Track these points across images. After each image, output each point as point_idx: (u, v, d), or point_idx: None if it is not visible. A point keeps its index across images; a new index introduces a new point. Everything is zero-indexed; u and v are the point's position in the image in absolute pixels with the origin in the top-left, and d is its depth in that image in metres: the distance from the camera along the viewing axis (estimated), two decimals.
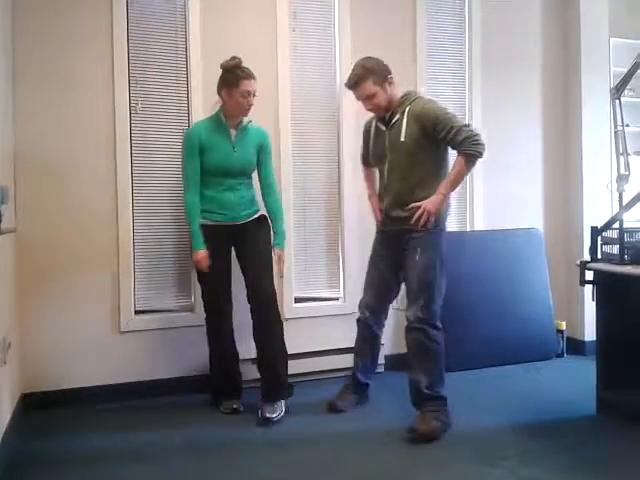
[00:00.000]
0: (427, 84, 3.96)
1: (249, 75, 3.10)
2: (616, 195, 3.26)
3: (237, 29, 3.63)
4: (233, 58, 3.09)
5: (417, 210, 2.92)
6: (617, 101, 3.22)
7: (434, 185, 2.94)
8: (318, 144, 3.87)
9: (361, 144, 3.30)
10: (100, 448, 2.81)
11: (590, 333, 3.90)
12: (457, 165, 2.91)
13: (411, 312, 2.95)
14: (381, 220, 3.19)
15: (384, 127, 3.06)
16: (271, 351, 3.15)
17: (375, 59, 3.03)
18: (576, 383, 3.61)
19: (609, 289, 3.08)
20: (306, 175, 3.85)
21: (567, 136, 4.40)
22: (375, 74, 2.97)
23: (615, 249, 3.00)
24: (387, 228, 3.15)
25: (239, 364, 3.37)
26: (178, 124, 3.54)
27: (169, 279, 3.57)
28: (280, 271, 3.25)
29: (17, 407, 3.04)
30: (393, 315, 3.36)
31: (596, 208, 4.17)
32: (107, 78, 3.39)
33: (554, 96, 4.40)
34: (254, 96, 3.12)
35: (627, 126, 3.59)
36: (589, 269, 3.09)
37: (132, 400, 3.36)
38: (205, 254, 3.15)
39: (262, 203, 3.30)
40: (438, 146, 2.96)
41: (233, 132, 3.17)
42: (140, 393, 3.41)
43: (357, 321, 3.28)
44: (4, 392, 2.70)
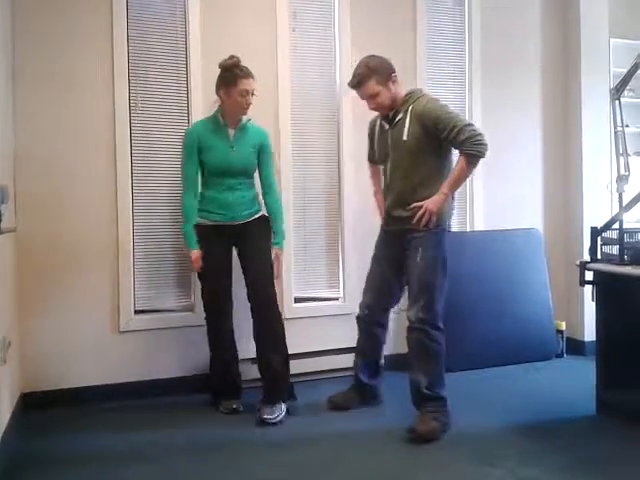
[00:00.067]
0: (427, 85, 3.96)
1: (247, 74, 3.08)
2: (616, 196, 3.25)
3: (237, 29, 3.63)
4: (231, 57, 3.07)
5: (419, 210, 2.91)
6: (617, 102, 3.22)
7: (436, 185, 2.92)
8: (318, 144, 3.87)
9: (367, 142, 3.28)
10: (100, 448, 2.81)
11: (590, 333, 3.90)
12: (459, 165, 2.90)
13: (412, 312, 2.95)
14: (383, 219, 3.19)
15: (387, 126, 3.05)
16: (271, 351, 3.14)
17: (379, 57, 3.02)
18: (576, 383, 3.61)
19: (609, 289, 3.08)
20: (306, 175, 3.85)
21: (567, 137, 4.41)
22: (378, 73, 2.96)
23: (615, 249, 3.01)
24: (389, 228, 3.14)
25: (239, 364, 3.36)
26: (178, 124, 3.54)
27: (169, 279, 3.57)
28: (277, 271, 3.22)
29: (17, 406, 3.04)
30: (393, 315, 3.36)
31: (596, 208, 4.18)
32: (107, 78, 3.40)
33: (554, 97, 4.41)
34: (253, 95, 3.11)
35: (627, 127, 3.59)
36: (589, 269, 3.10)
37: (132, 400, 3.36)
38: (198, 254, 3.15)
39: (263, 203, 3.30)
40: (440, 145, 2.93)
41: (231, 131, 3.16)
42: (140, 393, 3.41)
43: (357, 319, 3.28)
44: (4, 391, 2.70)
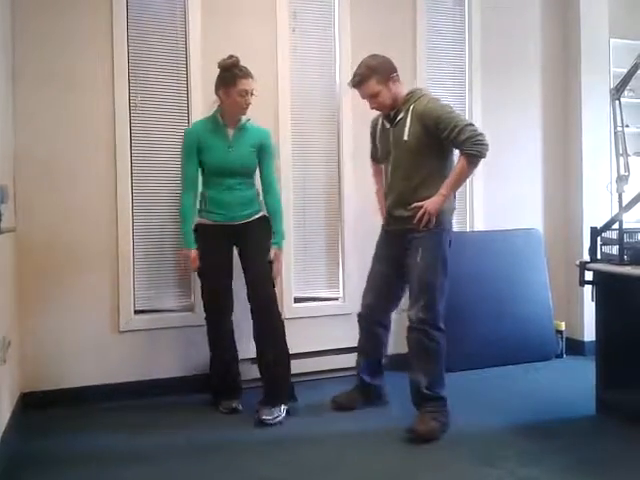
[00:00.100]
0: (427, 85, 3.95)
1: (247, 74, 3.07)
2: (616, 196, 3.25)
3: (237, 29, 3.62)
4: (230, 56, 3.06)
5: (419, 210, 2.91)
6: (617, 102, 3.22)
7: (437, 185, 2.92)
8: (318, 144, 3.87)
9: (369, 140, 3.27)
10: (100, 448, 2.81)
11: (589, 333, 3.90)
12: (459, 165, 2.90)
13: (412, 312, 2.95)
14: (385, 219, 3.19)
15: (389, 125, 3.05)
16: (271, 351, 3.13)
17: (380, 57, 3.02)
18: (575, 383, 3.61)
19: (608, 289, 3.08)
20: (306, 175, 3.85)
21: (567, 137, 4.41)
22: (379, 73, 2.96)
23: (615, 250, 3.01)
24: (390, 227, 3.13)
25: (238, 364, 3.36)
26: (178, 124, 3.53)
27: (169, 279, 3.57)
28: (276, 271, 3.19)
29: (17, 406, 3.04)
30: (394, 315, 3.35)
31: (596, 209, 4.18)
32: (107, 78, 3.40)
33: (554, 97, 4.41)
34: (252, 95, 3.10)
35: (627, 127, 3.59)
36: (588, 269, 3.10)
37: (132, 400, 3.36)
38: (195, 254, 3.17)
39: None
40: (441, 145, 2.93)
41: (230, 131, 3.16)
42: (140, 393, 3.41)
43: (358, 319, 3.27)
44: (4, 391, 2.70)
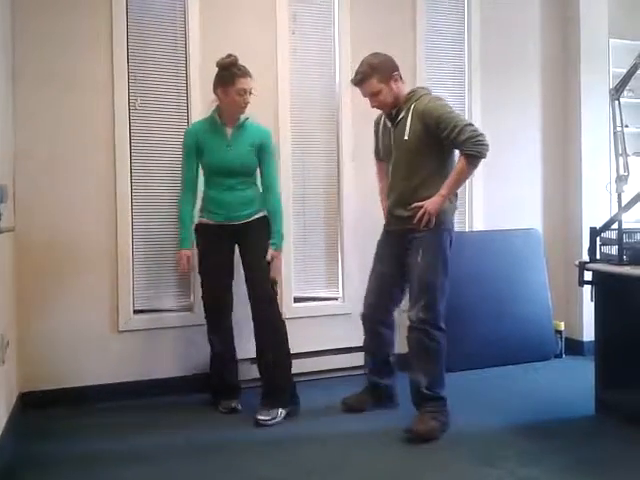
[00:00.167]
0: (426, 85, 3.94)
1: (245, 73, 3.06)
2: (615, 196, 3.25)
3: (237, 31, 3.62)
4: (229, 55, 3.06)
5: (419, 210, 2.90)
6: (616, 102, 3.21)
7: (438, 185, 2.91)
8: (318, 144, 3.87)
9: (373, 139, 3.25)
10: (100, 448, 2.80)
11: (589, 333, 3.90)
12: (459, 165, 2.89)
13: (413, 312, 2.95)
14: (386, 218, 3.18)
15: (390, 124, 3.05)
16: (270, 352, 3.12)
17: (382, 55, 3.02)
18: (575, 383, 3.61)
19: (608, 290, 3.08)
20: (305, 175, 3.85)
21: (566, 137, 4.41)
22: (380, 71, 2.96)
23: (614, 250, 3.01)
24: (391, 227, 3.13)
25: (237, 364, 3.36)
26: (177, 124, 3.53)
27: (168, 279, 3.57)
28: (273, 273, 3.13)
29: (15, 406, 3.03)
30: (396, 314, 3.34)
31: (595, 209, 4.17)
32: (107, 79, 3.40)
33: (553, 97, 4.41)
34: (250, 94, 3.10)
35: (626, 127, 3.58)
36: (588, 269, 3.10)
37: (131, 399, 3.36)
38: (188, 253, 3.19)
39: None
40: (442, 145, 2.92)
41: (229, 131, 3.15)
42: (139, 392, 3.40)
43: (361, 319, 3.24)
44: (2, 391, 2.70)
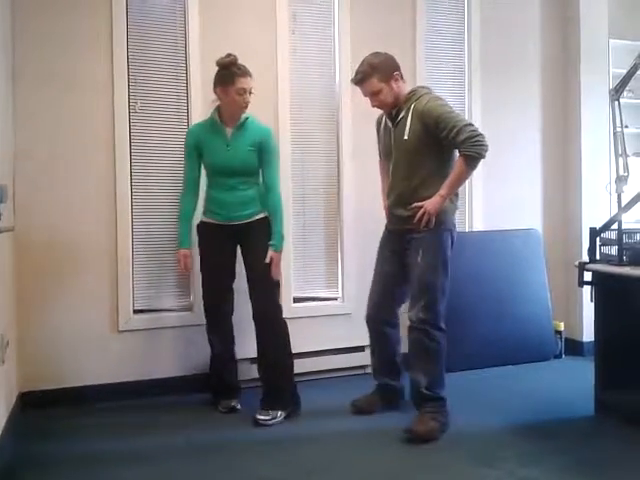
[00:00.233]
0: (426, 85, 3.95)
1: (245, 72, 3.05)
2: (615, 196, 3.25)
3: (237, 31, 3.62)
4: (229, 55, 3.04)
5: (419, 210, 2.90)
6: (616, 102, 3.21)
7: (437, 185, 2.90)
8: (317, 144, 3.87)
9: (375, 138, 3.24)
10: (100, 448, 2.80)
11: (588, 334, 3.91)
12: (458, 166, 2.89)
13: (413, 313, 2.94)
14: (387, 218, 3.18)
15: (391, 124, 3.04)
16: (271, 353, 3.11)
17: (383, 55, 3.01)
18: (574, 384, 3.61)
19: (607, 290, 3.08)
20: (305, 175, 3.85)
21: (566, 137, 4.41)
22: (381, 71, 2.95)
23: (614, 250, 3.01)
24: (392, 227, 3.13)
25: (237, 364, 3.36)
26: (177, 125, 3.54)
27: (168, 279, 3.57)
28: (273, 273, 3.09)
29: (15, 406, 3.04)
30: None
31: (595, 209, 4.17)
32: (107, 79, 3.40)
33: (553, 97, 4.41)
34: (250, 94, 3.09)
35: (626, 127, 3.58)
36: (588, 270, 3.10)
37: (131, 399, 3.36)
38: (187, 253, 3.20)
39: None
40: (442, 145, 2.91)
41: (229, 130, 3.13)
42: (139, 392, 3.41)
43: (366, 320, 3.22)
44: (2, 391, 2.70)
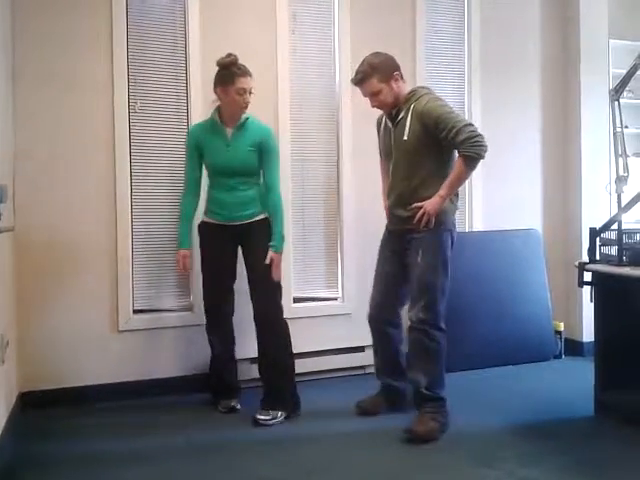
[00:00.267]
0: (426, 85, 3.95)
1: (245, 72, 3.05)
2: (615, 196, 3.25)
3: (237, 31, 3.62)
4: (229, 55, 3.04)
5: (419, 210, 2.89)
6: (616, 102, 3.21)
7: (437, 185, 2.90)
8: (317, 144, 3.87)
9: (375, 138, 3.24)
10: (100, 448, 2.80)
11: (588, 334, 3.91)
12: (457, 166, 2.88)
13: (413, 313, 2.94)
14: (388, 218, 3.18)
15: (391, 124, 3.04)
16: (271, 354, 3.11)
17: (383, 55, 3.01)
18: (574, 384, 3.61)
19: (607, 290, 3.08)
20: (305, 175, 3.84)
21: (566, 137, 4.41)
22: (381, 71, 2.95)
23: (613, 250, 3.01)
24: (392, 227, 3.13)
25: (237, 364, 3.36)
26: (177, 125, 3.54)
27: (168, 279, 3.57)
28: (273, 274, 3.09)
29: (15, 406, 3.03)
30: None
31: (595, 209, 4.17)
32: (107, 79, 3.40)
33: (553, 98, 4.41)
34: (251, 94, 3.09)
35: (626, 127, 3.58)
36: (587, 270, 3.10)
37: (131, 399, 3.36)
38: (187, 253, 3.20)
39: None
40: (441, 145, 2.90)
41: (229, 130, 3.13)
42: (139, 392, 3.41)
43: (368, 320, 3.21)
44: (2, 391, 2.70)
